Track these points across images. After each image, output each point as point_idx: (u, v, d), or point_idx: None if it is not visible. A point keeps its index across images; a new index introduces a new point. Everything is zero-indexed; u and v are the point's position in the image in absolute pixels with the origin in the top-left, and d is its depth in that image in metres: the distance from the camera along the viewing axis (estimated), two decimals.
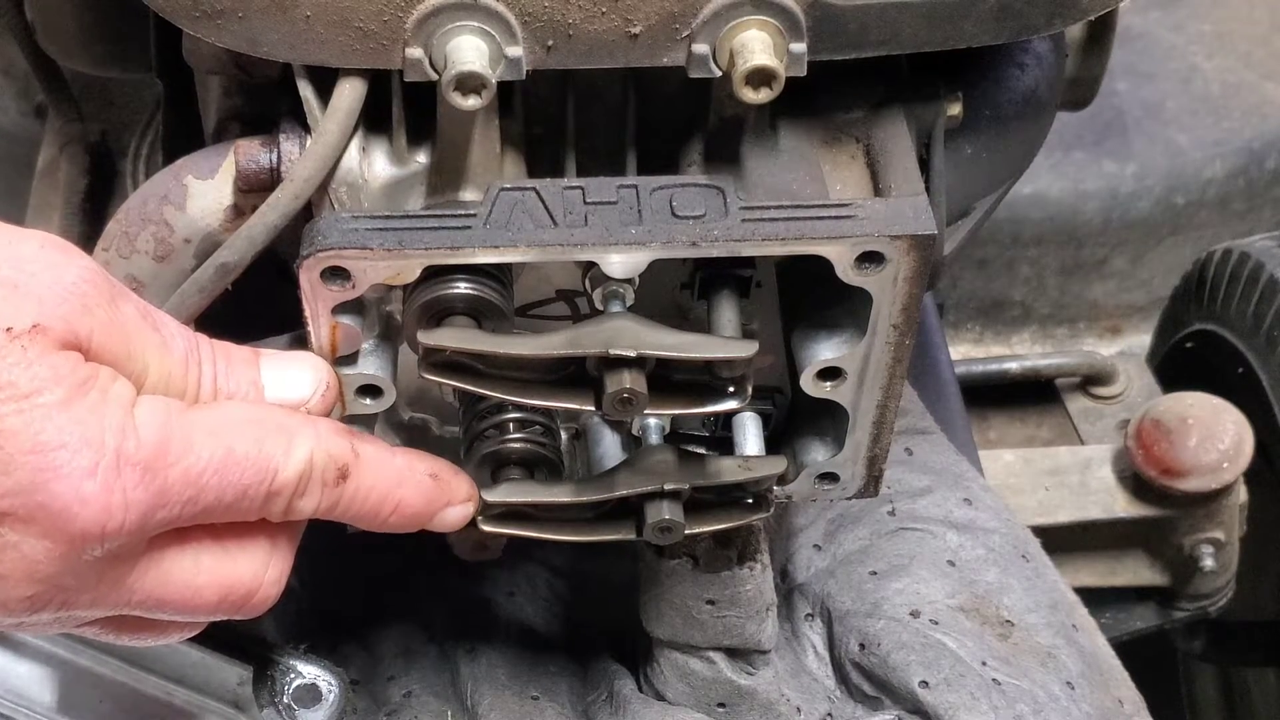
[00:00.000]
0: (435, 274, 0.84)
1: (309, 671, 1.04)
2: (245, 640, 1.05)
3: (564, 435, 1.01)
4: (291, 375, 0.86)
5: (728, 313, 0.90)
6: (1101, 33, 1.15)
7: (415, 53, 0.84)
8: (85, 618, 0.82)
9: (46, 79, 1.44)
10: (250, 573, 0.84)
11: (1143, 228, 2.14)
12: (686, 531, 0.92)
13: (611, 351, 0.83)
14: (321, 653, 1.07)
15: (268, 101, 0.95)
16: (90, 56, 1.23)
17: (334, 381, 0.88)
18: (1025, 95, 1.07)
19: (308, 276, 0.83)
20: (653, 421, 0.97)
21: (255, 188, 0.92)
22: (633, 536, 0.93)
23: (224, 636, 1.02)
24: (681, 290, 0.95)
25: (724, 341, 0.87)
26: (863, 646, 1.12)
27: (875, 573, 1.17)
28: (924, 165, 0.98)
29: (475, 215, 0.83)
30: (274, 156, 0.91)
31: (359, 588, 1.22)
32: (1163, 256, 2.16)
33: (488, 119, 0.90)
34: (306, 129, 0.90)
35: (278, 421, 0.82)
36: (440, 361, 0.85)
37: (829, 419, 0.97)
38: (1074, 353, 1.98)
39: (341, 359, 0.88)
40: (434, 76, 0.84)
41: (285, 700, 1.04)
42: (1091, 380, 1.90)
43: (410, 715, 1.12)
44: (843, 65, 0.89)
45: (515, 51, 0.84)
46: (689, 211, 0.84)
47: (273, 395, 0.85)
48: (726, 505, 0.96)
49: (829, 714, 1.12)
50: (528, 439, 0.95)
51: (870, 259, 0.84)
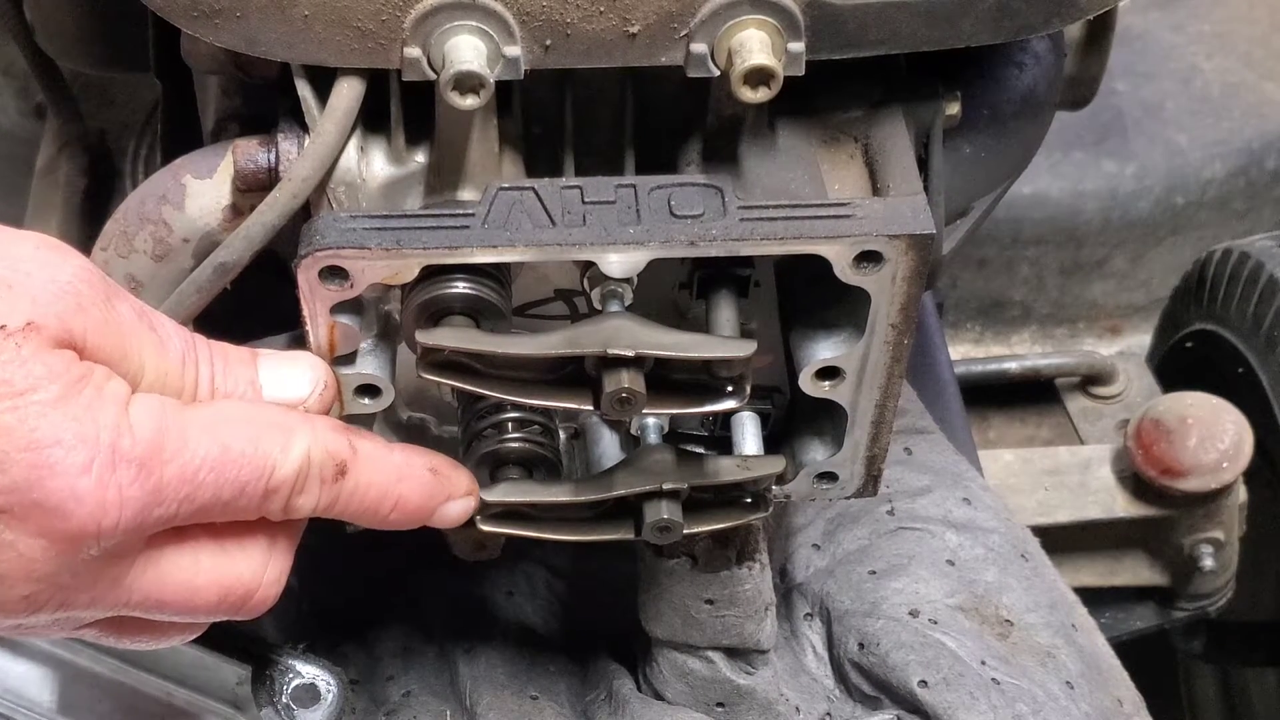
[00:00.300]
0: (434, 273, 0.84)
1: (308, 671, 1.04)
2: (244, 640, 1.05)
3: (562, 435, 1.01)
4: (289, 375, 0.86)
5: (726, 312, 0.90)
6: (1100, 32, 1.15)
7: (413, 52, 0.84)
8: (84, 619, 0.82)
9: (46, 79, 1.44)
10: (250, 572, 0.84)
11: (1143, 228, 2.13)
12: (685, 531, 0.92)
13: (610, 351, 0.83)
14: (320, 652, 1.07)
15: (266, 101, 0.94)
16: (89, 56, 1.24)
17: (332, 381, 0.88)
18: (1024, 95, 1.07)
19: (306, 276, 0.83)
20: (651, 421, 0.97)
21: (253, 187, 0.92)
22: (631, 536, 0.93)
23: (223, 636, 1.02)
24: (680, 290, 0.95)
25: (722, 341, 0.87)
26: (862, 646, 1.12)
27: (874, 572, 1.17)
28: (922, 165, 0.98)
29: (473, 215, 0.83)
30: (272, 156, 0.91)
31: (358, 587, 1.22)
32: (1163, 256, 2.15)
33: (486, 118, 0.90)
34: (305, 129, 0.90)
35: (274, 419, 0.82)
36: (439, 361, 0.85)
37: (828, 418, 0.97)
38: (1074, 353, 1.98)
39: (340, 358, 0.88)
40: (432, 76, 0.84)
41: (284, 700, 1.03)
42: (1091, 380, 1.90)
43: (409, 715, 1.11)
44: (841, 65, 0.89)
45: (513, 51, 0.84)
46: (687, 211, 0.84)
47: (270, 395, 0.85)
48: (725, 505, 0.96)
49: (828, 713, 1.12)
50: (526, 438, 0.94)
51: (869, 258, 0.84)
